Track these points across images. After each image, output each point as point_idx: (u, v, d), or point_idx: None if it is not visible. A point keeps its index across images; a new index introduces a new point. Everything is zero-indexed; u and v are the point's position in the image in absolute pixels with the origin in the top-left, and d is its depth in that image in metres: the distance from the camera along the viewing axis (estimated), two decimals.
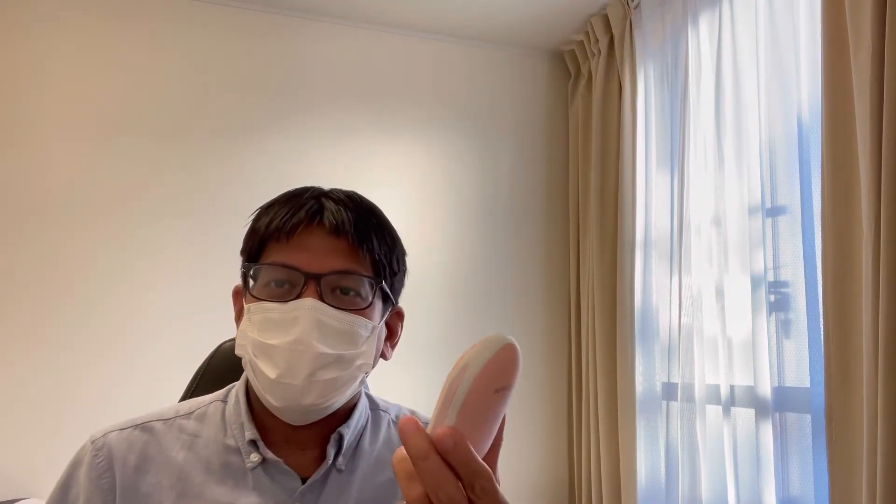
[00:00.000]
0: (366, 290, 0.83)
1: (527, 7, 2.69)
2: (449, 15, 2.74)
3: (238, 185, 2.54)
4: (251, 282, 0.84)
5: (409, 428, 0.47)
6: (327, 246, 0.82)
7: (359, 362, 0.82)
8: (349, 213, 0.83)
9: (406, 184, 2.77)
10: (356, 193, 0.89)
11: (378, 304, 0.85)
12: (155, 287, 2.42)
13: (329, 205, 0.84)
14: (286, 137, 2.64)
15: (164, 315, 2.41)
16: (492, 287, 2.83)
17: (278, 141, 2.63)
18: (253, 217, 0.88)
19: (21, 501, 2.03)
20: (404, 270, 0.92)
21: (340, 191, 0.88)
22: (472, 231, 2.84)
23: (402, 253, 0.91)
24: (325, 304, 0.79)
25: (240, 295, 0.88)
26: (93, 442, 0.85)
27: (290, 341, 0.78)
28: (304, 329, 0.78)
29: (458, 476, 0.47)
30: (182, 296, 2.43)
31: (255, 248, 0.85)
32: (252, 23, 2.66)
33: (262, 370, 0.79)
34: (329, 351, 0.79)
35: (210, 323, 2.29)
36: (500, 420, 0.52)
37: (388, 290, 0.86)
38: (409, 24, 2.81)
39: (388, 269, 0.86)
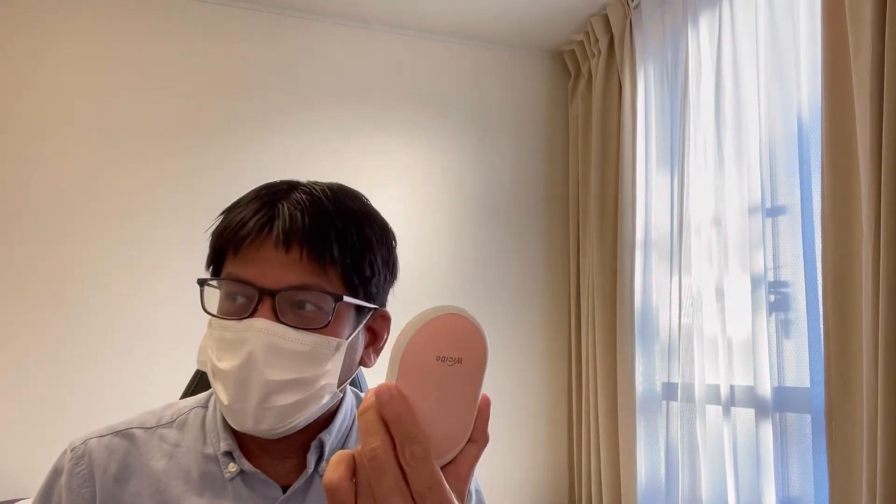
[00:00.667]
0: (328, 303, 0.75)
1: (527, 7, 2.69)
2: (449, 15, 2.74)
3: (236, 186, 2.50)
4: (208, 293, 0.80)
5: (370, 390, 0.48)
6: (280, 258, 0.75)
7: (322, 383, 0.76)
8: (305, 219, 0.75)
9: (406, 183, 2.77)
10: (322, 191, 0.80)
11: (349, 315, 0.79)
12: (153, 287, 2.42)
13: (284, 211, 0.76)
14: (286, 137, 2.64)
15: (162, 315, 2.41)
16: (492, 287, 2.83)
17: (278, 141, 2.63)
18: (218, 218, 0.81)
19: (21, 501, 2.03)
20: (387, 270, 0.84)
21: (305, 189, 0.80)
22: (472, 231, 2.84)
23: (384, 250, 0.82)
24: (279, 325, 0.74)
25: None
26: (72, 450, 0.82)
27: (236, 367, 0.74)
28: (252, 354, 0.73)
29: (392, 437, 0.46)
30: (180, 296, 2.42)
31: (212, 256, 0.81)
32: (252, 23, 2.66)
33: (217, 393, 0.77)
34: (280, 378, 0.74)
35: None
36: (462, 400, 0.49)
37: (357, 301, 0.78)
38: (410, 24, 2.81)
39: (358, 277, 0.78)
